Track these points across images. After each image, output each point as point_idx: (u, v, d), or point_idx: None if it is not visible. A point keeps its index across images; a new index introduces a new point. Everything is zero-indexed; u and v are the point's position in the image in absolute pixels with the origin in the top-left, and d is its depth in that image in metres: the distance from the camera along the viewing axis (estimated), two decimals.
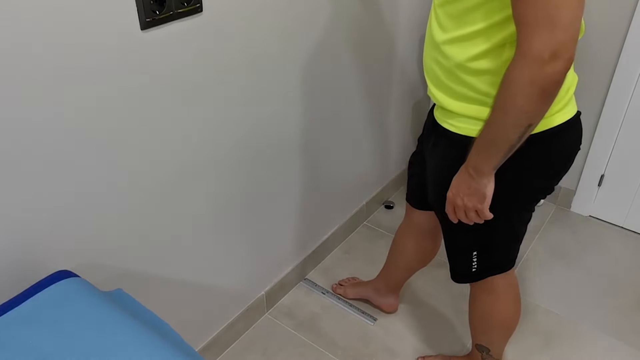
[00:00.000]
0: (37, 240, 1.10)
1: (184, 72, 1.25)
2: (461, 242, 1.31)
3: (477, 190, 1.09)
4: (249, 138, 1.52)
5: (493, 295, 1.38)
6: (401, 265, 1.74)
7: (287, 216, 1.83)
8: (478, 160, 1.05)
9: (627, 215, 2.26)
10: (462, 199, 1.12)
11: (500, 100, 0.96)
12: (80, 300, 0.98)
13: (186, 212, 1.42)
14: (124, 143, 1.19)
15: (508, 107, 0.95)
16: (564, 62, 0.88)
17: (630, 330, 1.85)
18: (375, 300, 1.91)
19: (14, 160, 1.01)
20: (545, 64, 0.87)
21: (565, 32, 0.86)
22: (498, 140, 1.00)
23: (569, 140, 1.15)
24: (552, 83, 0.90)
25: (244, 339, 1.83)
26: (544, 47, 0.86)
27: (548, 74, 0.88)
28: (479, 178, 1.07)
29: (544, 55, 0.87)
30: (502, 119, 0.97)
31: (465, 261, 1.32)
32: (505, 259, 1.32)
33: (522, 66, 0.90)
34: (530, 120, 0.95)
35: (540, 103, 0.93)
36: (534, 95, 0.91)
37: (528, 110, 0.93)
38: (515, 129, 0.96)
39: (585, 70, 2.08)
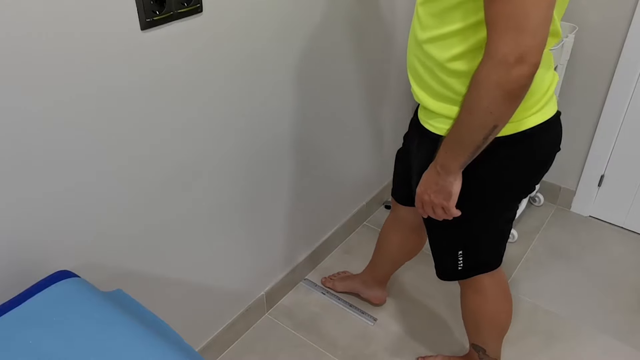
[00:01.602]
0: (37, 241, 1.10)
1: (184, 72, 1.25)
2: (446, 242, 1.32)
3: (444, 187, 1.10)
4: (249, 138, 1.52)
5: (481, 294, 1.39)
6: (387, 258, 1.77)
7: (287, 216, 1.83)
8: (445, 158, 1.06)
9: (627, 215, 2.26)
10: (429, 196, 1.14)
11: (467, 100, 0.97)
12: (80, 300, 0.98)
13: (186, 212, 1.42)
14: (124, 143, 1.19)
15: (475, 108, 0.96)
16: (529, 66, 0.88)
17: (630, 330, 1.85)
18: (363, 293, 1.92)
19: (14, 160, 1.01)
20: (511, 68, 0.88)
21: (532, 37, 0.86)
22: (464, 140, 1.01)
23: (548, 139, 1.16)
24: (518, 87, 0.90)
25: (244, 339, 1.83)
26: (510, 50, 0.87)
27: (514, 77, 0.89)
28: (446, 176, 1.08)
29: (510, 59, 0.88)
30: (468, 119, 0.98)
31: (451, 260, 1.33)
32: (491, 257, 1.34)
33: (489, 68, 0.90)
34: (495, 122, 0.96)
35: (505, 105, 0.93)
36: (500, 97, 0.92)
37: (494, 112, 0.94)
38: (481, 130, 0.98)
39: (585, 70, 2.08)
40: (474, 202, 1.18)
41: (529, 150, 1.13)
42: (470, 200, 1.16)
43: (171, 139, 1.29)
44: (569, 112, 2.19)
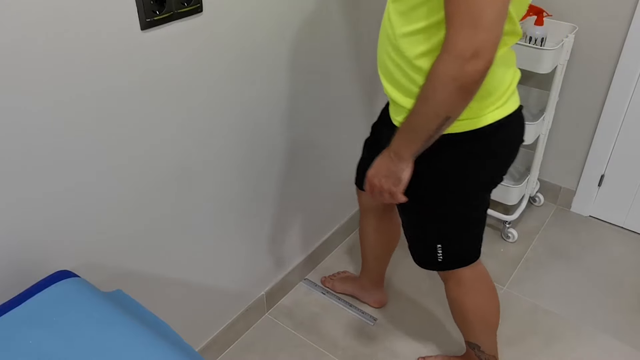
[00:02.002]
0: (37, 240, 1.10)
1: (184, 72, 1.25)
2: (423, 237, 1.35)
3: (395, 173, 1.13)
4: (249, 138, 1.52)
5: (462, 287, 1.41)
6: (371, 255, 1.78)
7: (287, 216, 1.83)
8: (399, 145, 1.09)
9: (627, 215, 2.26)
10: (379, 180, 1.16)
11: (423, 91, 0.99)
12: (80, 300, 0.98)
13: (186, 212, 1.42)
14: (124, 143, 1.19)
15: (430, 98, 0.98)
16: (484, 62, 0.91)
17: (630, 330, 1.85)
18: (362, 297, 1.93)
19: (14, 160, 1.01)
20: (467, 62, 0.91)
21: (487, 33, 0.89)
22: (418, 129, 1.04)
23: (511, 133, 1.19)
24: (472, 81, 0.93)
25: (244, 339, 1.83)
26: (466, 45, 0.90)
27: (468, 72, 0.92)
28: (398, 162, 1.11)
29: (466, 54, 0.90)
30: (423, 109, 1.01)
31: (430, 253, 1.35)
32: (469, 251, 1.36)
33: (446, 62, 0.93)
34: (448, 114, 0.99)
35: (459, 99, 0.96)
36: (454, 90, 0.95)
37: (447, 104, 0.97)
38: (435, 120, 1.01)
39: (585, 70, 2.08)
40: (444, 197, 1.22)
41: (492, 144, 1.16)
42: (440, 195, 1.21)
43: (171, 138, 1.29)
44: (569, 112, 2.19)
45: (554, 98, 2.00)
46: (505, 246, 2.20)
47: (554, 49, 1.82)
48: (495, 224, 2.31)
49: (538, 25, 1.86)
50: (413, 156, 1.10)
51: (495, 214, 2.21)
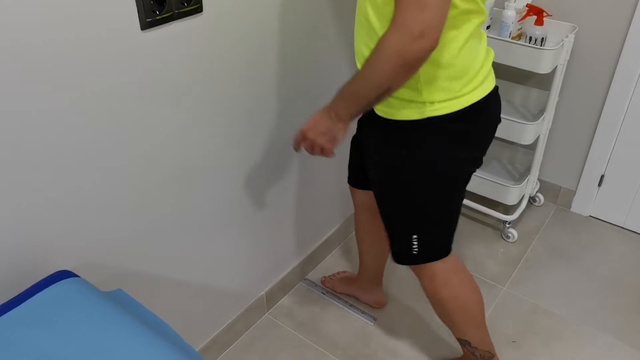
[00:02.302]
0: (37, 241, 1.10)
1: (184, 72, 1.25)
2: (400, 226, 1.35)
3: (332, 131, 1.16)
4: (250, 138, 1.52)
5: (436, 280, 1.41)
6: (367, 252, 1.79)
7: (287, 216, 1.83)
8: (340, 106, 1.12)
9: (627, 215, 2.26)
10: (314, 135, 1.19)
11: (370, 60, 1.02)
12: (80, 300, 0.98)
13: (186, 212, 1.42)
14: (124, 143, 1.19)
15: (374, 68, 1.02)
16: (429, 42, 0.95)
17: (630, 330, 1.85)
18: (362, 297, 1.93)
19: (14, 160, 1.01)
20: (413, 40, 0.94)
21: (432, 13, 0.93)
22: (360, 94, 1.08)
23: (488, 115, 1.21)
24: (415, 58, 0.97)
25: (244, 339, 1.83)
26: (413, 24, 0.94)
27: (414, 49, 0.96)
28: (337, 121, 1.15)
29: (413, 32, 0.94)
30: (367, 76, 1.04)
31: (406, 245, 1.35)
32: (443, 243, 1.37)
33: (393, 37, 0.96)
34: (390, 84, 1.03)
35: (402, 72, 1.01)
36: (398, 65, 0.98)
37: (390, 76, 1.01)
38: (376, 89, 1.05)
39: (585, 70, 2.08)
40: (426, 185, 1.24)
41: (474, 125, 1.18)
42: (422, 183, 1.23)
43: (171, 138, 1.29)
44: (569, 112, 2.19)
45: (554, 98, 2.00)
46: (505, 246, 2.20)
47: (554, 49, 1.82)
48: (495, 224, 2.31)
49: (538, 25, 1.86)
50: (352, 118, 1.14)
51: (495, 214, 2.21)
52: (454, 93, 1.13)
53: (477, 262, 2.12)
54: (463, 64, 1.12)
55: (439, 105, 1.14)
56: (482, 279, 2.05)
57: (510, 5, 1.88)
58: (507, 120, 1.99)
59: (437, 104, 1.14)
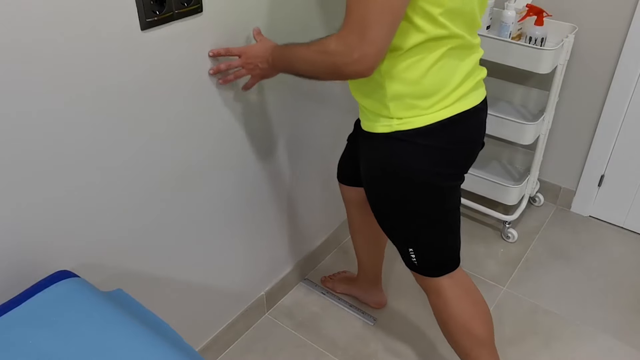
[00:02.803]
0: (37, 241, 1.10)
1: (184, 72, 1.25)
2: (393, 236, 1.36)
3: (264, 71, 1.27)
4: (250, 138, 1.52)
5: (442, 297, 1.38)
6: (363, 252, 1.79)
7: (287, 216, 1.83)
8: (279, 60, 1.20)
9: (627, 216, 2.26)
10: (251, 61, 1.27)
11: (312, 50, 1.08)
12: (80, 300, 0.98)
13: (186, 212, 1.42)
14: (124, 142, 1.19)
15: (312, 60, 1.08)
16: (363, 69, 1.00)
17: (630, 330, 1.85)
18: (362, 297, 1.93)
19: (14, 160, 1.01)
20: (350, 63, 0.99)
21: (370, 46, 0.97)
22: (294, 66, 1.16)
23: (461, 132, 1.21)
24: (347, 77, 1.05)
25: (244, 339, 1.83)
26: (353, 49, 0.98)
27: (347, 70, 1.01)
28: (269, 67, 1.25)
29: (352, 56, 0.99)
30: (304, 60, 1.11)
31: (406, 255, 1.36)
32: (444, 258, 1.35)
33: (335, 49, 1.01)
34: (317, 78, 1.13)
35: (330, 77, 1.10)
36: (329, 72, 1.06)
37: (320, 76, 1.11)
38: (306, 73, 1.13)
39: (585, 70, 2.08)
40: (399, 199, 1.25)
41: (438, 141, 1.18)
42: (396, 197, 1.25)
43: (171, 138, 1.29)
44: (569, 112, 2.19)
45: (554, 98, 2.00)
46: (505, 246, 2.20)
47: (554, 49, 1.82)
48: (495, 224, 2.31)
49: (538, 25, 1.86)
50: (278, 72, 1.26)
51: (495, 214, 2.21)
52: (421, 110, 1.15)
53: (477, 262, 2.12)
54: (431, 84, 1.12)
55: (407, 120, 1.16)
56: (482, 279, 2.05)
57: (510, 6, 1.88)
58: (507, 120, 1.99)
59: (405, 119, 1.16)
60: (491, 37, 1.89)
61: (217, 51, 1.28)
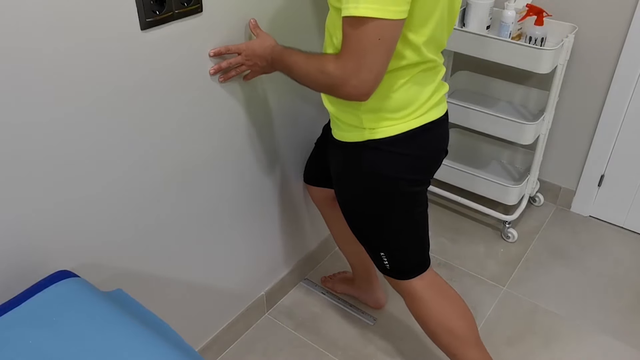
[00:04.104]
0: (37, 241, 1.10)
1: (184, 72, 1.25)
2: (365, 241, 1.39)
3: (263, 69, 1.30)
4: (250, 137, 1.52)
5: (416, 299, 1.41)
6: (346, 248, 1.81)
7: (287, 216, 1.83)
8: (279, 61, 1.23)
9: (627, 216, 2.26)
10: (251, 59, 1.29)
11: (310, 68, 1.11)
12: (80, 300, 0.98)
13: (186, 212, 1.42)
14: (124, 142, 1.19)
15: (309, 76, 1.12)
16: (359, 95, 1.04)
17: (630, 330, 1.85)
18: (361, 297, 1.94)
19: (14, 160, 1.01)
20: (347, 87, 1.03)
21: (367, 74, 1.01)
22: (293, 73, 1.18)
23: (431, 138, 1.26)
24: (341, 97, 1.07)
25: (244, 339, 1.83)
26: (350, 77, 1.01)
27: (343, 93, 1.05)
28: (268, 65, 1.27)
29: (350, 82, 1.02)
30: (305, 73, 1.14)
31: (377, 259, 1.39)
32: (415, 260, 1.38)
33: (333, 72, 1.03)
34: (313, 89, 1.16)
35: (323, 92, 1.17)
36: (326, 90, 1.11)
37: (316, 89, 1.14)
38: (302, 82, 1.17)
39: (585, 70, 2.08)
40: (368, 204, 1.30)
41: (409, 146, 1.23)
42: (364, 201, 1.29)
43: (171, 138, 1.29)
44: (569, 112, 2.19)
45: (554, 98, 2.00)
46: (505, 246, 2.20)
47: (554, 49, 1.82)
48: (495, 224, 2.31)
49: (538, 25, 1.86)
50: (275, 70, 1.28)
51: (495, 214, 2.21)
52: (393, 121, 1.19)
53: (477, 262, 2.12)
54: (404, 98, 1.17)
55: (379, 130, 1.20)
56: (482, 279, 2.05)
57: (510, 5, 1.88)
58: (507, 120, 1.99)
59: (377, 129, 1.20)
60: (491, 37, 1.89)
61: (218, 50, 1.29)
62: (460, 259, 2.14)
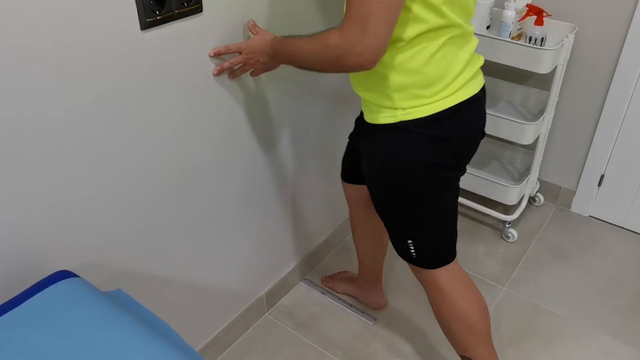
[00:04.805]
0: (37, 240, 1.10)
1: (184, 72, 1.25)
2: (394, 231, 1.37)
3: (266, 64, 1.29)
4: (249, 138, 1.52)
5: (440, 291, 1.39)
6: (362, 249, 1.79)
7: (287, 216, 1.83)
8: (281, 52, 1.20)
9: (627, 215, 2.26)
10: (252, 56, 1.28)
11: (312, 46, 1.09)
12: (80, 300, 0.98)
13: (186, 212, 1.42)
14: (124, 143, 1.19)
15: (313, 55, 1.09)
16: (366, 62, 1.01)
17: (630, 330, 1.85)
18: (361, 298, 1.93)
19: (13, 160, 1.01)
20: (353, 55, 1.00)
21: (373, 39, 0.98)
22: (295, 58, 1.16)
23: (464, 121, 1.22)
24: (349, 70, 1.05)
25: (244, 339, 1.83)
26: (356, 43, 0.99)
27: (350, 63, 1.02)
28: (270, 59, 1.26)
29: (355, 50, 0.99)
30: (307, 52, 1.11)
31: (404, 247, 1.37)
32: (442, 250, 1.36)
33: (337, 43, 1.01)
34: (319, 70, 1.13)
35: (331, 70, 1.10)
36: (332, 66, 1.07)
37: (321, 69, 1.11)
38: (308, 66, 1.14)
39: (585, 70, 2.08)
40: (400, 190, 1.26)
41: (442, 130, 1.19)
42: (397, 188, 1.26)
43: (171, 138, 1.29)
44: (569, 112, 2.19)
45: (554, 98, 2.00)
46: (505, 246, 2.20)
47: (554, 49, 1.82)
48: (495, 224, 2.31)
49: (538, 25, 1.86)
50: (279, 64, 1.27)
51: (495, 214, 2.21)
52: (425, 99, 1.15)
53: (477, 262, 2.12)
54: (434, 72, 1.13)
55: (411, 110, 1.16)
56: (482, 279, 2.05)
57: (510, 5, 1.88)
58: (507, 120, 1.99)
59: (409, 109, 1.16)
60: (491, 37, 1.89)
61: (218, 50, 1.29)
62: (460, 259, 2.11)
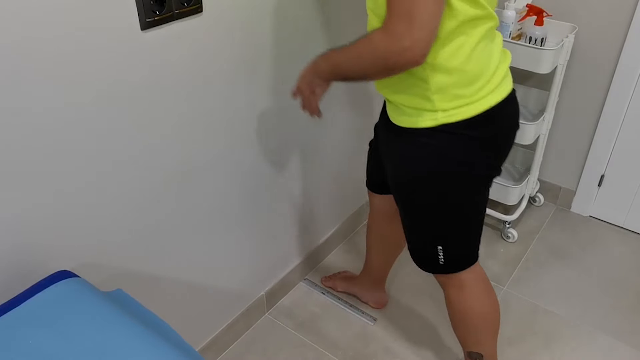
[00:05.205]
0: (37, 240, 1.10)
1: (184, 72, 1.25)
2: (424, 238, 1.33)
3: (312, 84, 1.22)
4: (249, 138, 1.52)
5: (464, 289, 1.39)
6: (377, 255, 1.78)
7: (288, 216, 1.83)
8: (325, 67, 1.16)
9: (627, 215, 2.26)
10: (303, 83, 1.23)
11: (359, 50, 1.05)
12: (80, 300, 0.98)
13: (186, 212, 1.42)
14: (124, 143, 1.19)
15: (360, 60, 1.05)
16: (416, 57, 0.96)
17: (630, 330, 1.85)
18: (362, 296, 1.93)
19: (13, 160, 1.01)
20: (402, 51, 0.95)
21: (420, 31, 0.93)
22: (341, 68, 1.12)
23: (504, 120, 1.21)
24: (399, 68, 1.00)
25: (244, 339, 1.83)
26: (403, 37, 0.94)
27: (400, 60, 0.97)
28: (317, 76, 1.19)
29: (404, 45, 0.95)
30: (352, 62, 1.08)
31: (431, 256, 1.34)
32: (469, 252, 1.35)
33: (384, 41, 0.97)
34: (368, 78, 1.11)
35: (383, 74, 1.06)
36: (381, 67, 1.01)
37: (371, 73, 1.07)
38: (355, 75, 1.11)
39: (585, 70, 2.08)
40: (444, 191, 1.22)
41: (488, 130, 1.17)
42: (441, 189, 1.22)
43: (171, 138, 1.29)
44: (569, 112, 2.19)
45: (554, 98, 2.00)
46: (505, 246, 2.20)
47: (554, 49, 1.82)
48: (495, 224, 2.31)
49: (538, 25, 1.86)
50: (328, 81, 1.20)
51: (495, 214, 2.21)
52: (467, 99, 1.12)
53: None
54: (474, 69, 1.10)
55: (453, 112, 1.13)
56: None
57: (510, 5, 1.88)
58: None
59: (451, 111, 1.13)
60: None
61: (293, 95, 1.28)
62: None
